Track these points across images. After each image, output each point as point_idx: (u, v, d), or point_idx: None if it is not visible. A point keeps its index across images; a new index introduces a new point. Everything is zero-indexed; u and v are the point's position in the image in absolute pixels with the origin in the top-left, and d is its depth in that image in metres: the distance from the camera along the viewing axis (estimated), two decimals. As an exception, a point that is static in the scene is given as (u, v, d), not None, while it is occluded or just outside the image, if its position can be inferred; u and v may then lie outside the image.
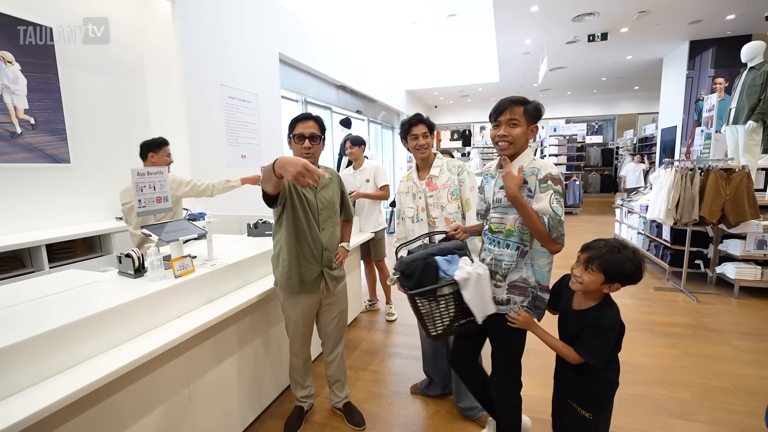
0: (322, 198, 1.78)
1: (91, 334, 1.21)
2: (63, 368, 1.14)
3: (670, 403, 2.11)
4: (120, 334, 1.30)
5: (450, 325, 1.46)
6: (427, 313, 1.42)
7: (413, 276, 1.42)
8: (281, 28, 4.99)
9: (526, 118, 1.41)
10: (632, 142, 10.73)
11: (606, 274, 1.23)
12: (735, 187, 3.35)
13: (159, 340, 1.32)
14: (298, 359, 1.94)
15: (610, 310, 1.30)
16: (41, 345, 1.09)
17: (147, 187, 1.63)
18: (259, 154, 4.51)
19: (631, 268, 1.21)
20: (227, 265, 1.80)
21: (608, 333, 1.27)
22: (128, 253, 1.56)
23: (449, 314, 1.44)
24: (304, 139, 1.72)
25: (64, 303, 1.36)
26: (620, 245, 1.23)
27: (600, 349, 1.28)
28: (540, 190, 1.36)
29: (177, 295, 1.52)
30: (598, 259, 1.24)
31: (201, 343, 1.61)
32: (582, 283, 1.28)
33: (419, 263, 1.43)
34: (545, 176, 1.36)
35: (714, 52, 6.95)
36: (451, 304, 1.43)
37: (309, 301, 1.83)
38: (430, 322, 1.44)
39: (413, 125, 2.01)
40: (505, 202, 1.43)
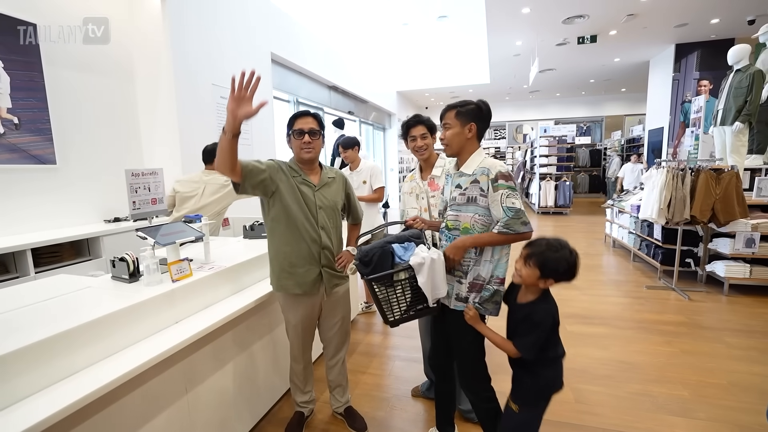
0: (321, 196, 1.74)
1: (87, 342, 1.16)
2: (58, 378, 1.08)
3: (668, 401, 2.12)
4: (117, 341, 1.25)
5: (407, 310, 1.50)
6: (384, 298, 1.45)
7: (371, 263, 1.46)
8: (273, 28, 4.93)
9: (459, 119, 1.48)
10: (620, 143, 10.92)
11: (541, 269, 1.31)
12: (724, 187, 3.41)
13: (158, 347, 1.27)
14: (298, 364, 1.90)
15: (544, 306, 1.36)
16: (36, 354, 1.03)
17: (141, 188, 1.58)
18: (251, 154, 4.44)
19: (564, 267, 1.29)
20: (225, 268, 1.75)
21: (538, 327, 1.33)
22: (122, 257, 1.51)
23: (405, 300, 1.48)
24: (303, 134, 1.68)
25: (57, 310, 1.30)
26: (559, 245, 1.31)
27: (531, 342, 1.34)
28: (492, 189, 1.41)
29: (175, 300, 1.47)
30: (536, 255, 1.32)
31: (200, 349, 1.57)
32: (521, 276, 1.36)
33: (376, 251, 1.48)
34: (496, 175, 1.41)
35: (699, 55, 7.12)
36: (407, 290, 1.47)
37: (309, 304, 1.78)
38: (387, 308, 1.47)
39: (411, 126, 2.00)
40: (460, 200, 1.48)
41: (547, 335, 1.34)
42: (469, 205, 1.47)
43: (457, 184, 1.50)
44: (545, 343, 1.35)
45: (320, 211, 1.73)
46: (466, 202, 1.47)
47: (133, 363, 1.16)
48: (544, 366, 1.39)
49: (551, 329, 1.35)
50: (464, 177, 1.49)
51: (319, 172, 1.79)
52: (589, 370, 2.44)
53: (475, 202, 1.46)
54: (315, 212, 1.72)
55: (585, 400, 2.15)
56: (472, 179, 1.46)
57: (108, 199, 3.25)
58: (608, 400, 2.14)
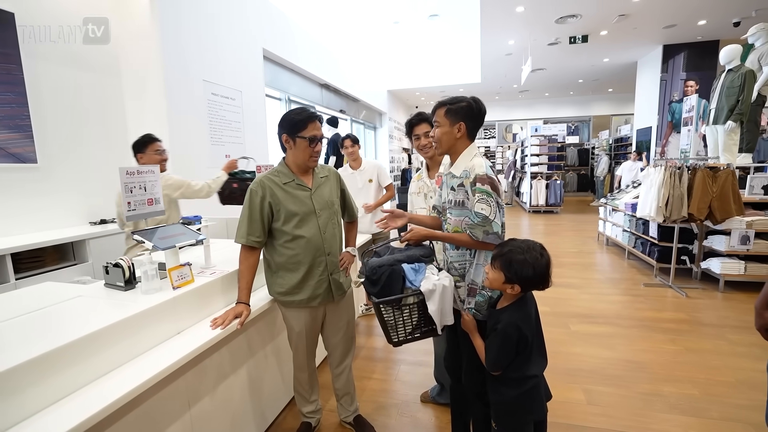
0: (318, 198, 1.65)
1: (81, 360, 1.05)
2: (49, 402, 0.97)
3: (680, 401, 2.10)
4: (115, 357, 1.14)
5: (412, 332, 1.44)
6: (391, 320, 1.40)
7: (379, 282, 1.39)
8: (265, 23, 4.79)
9: (448, 117, 1.43)
10: (608, 142, 11.08)
11: (505, 273, 1.23)
12: (721, 185, 3.45)
13: (161, 363, 1.16)
14: (303, 373, 1.81)
15: (510, 315, 1.26)
16: (23, 376, 0.92)
17: (137, 187, 1.46)
18: (244, 153, 4.30)
19: (529, 272, 1.19)
20: (228, 272, 1.64)
21: (499, 337, 1.24)
22: (117, 263, 1.39)
23: (412, 323, 1.42)
24: (317, 141, 1.59)
25: (47, 323, 1.18)
26: (527, 247, 1.22)
27: (493, 354, 1.26)
28: (471, 192, 1.37)
29: (177, 309, 1.36)
30: (500, 257, 1.24)
31: (202, 361, 1.46)
32: (488, 279, 1.30)
33: (386, 269, 1.40)
34: (474, 178, 1.36)
35: (685, 56, 7.26)
36: (414, 313, 1.41)
37: (314, 310, 1.70)
38: (392, 330, 1.41)
39: (415, 125, 1.93)
40: (451, 204, 1.45)
41: (516, 349, 1.23)
42: (459, 208, 1.43)
43: (451, 186, 1.46)
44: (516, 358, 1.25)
45: (321, 215, 1.64)
46: (454, 205, 1.44)
47: (134, 382, 1.06)
48: (506, 385, 1.29)
49: (519, 343, 1.23)
50: (454, 179, 1.44)
51: (312, 172, 1.69)
52: (599, 371, 2.40)
53: (463, 206, 1.41)
54: (315, 217, 1.63)
55: (597, 401, 2.11)
56: (459, 182, 1.42)
57: (93, 200, 3.09)
58: (620, 401, 2.11)
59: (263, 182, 1.58)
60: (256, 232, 1.56)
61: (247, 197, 1.57)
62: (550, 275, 1.24)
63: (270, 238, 1.64)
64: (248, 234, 1.55)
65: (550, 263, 1.24)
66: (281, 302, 1.67)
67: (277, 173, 1.62)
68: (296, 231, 1.58)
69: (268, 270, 1.69)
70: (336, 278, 1.71)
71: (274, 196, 1.57)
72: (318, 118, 1.60)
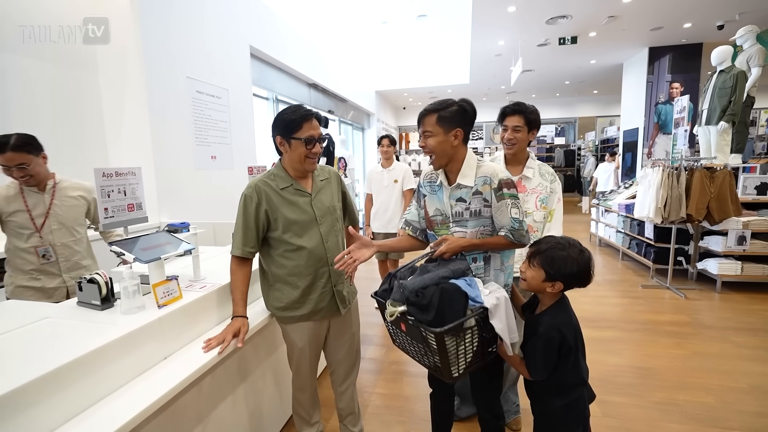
0: (319, 204, 1.50)
1: (48, 397, 0.87)
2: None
3: (696, 409, 2.03)
4: (91, 391, 0.96)
5: (473, 360, 1.21)
6: (453, 351, 1.15)
7: (430, 307, 1.13)
8: (252, 19, 4.60)
9: (441, 125, 1.29)
10: (594, 144, 11.21)
11: (547, 270, 1.17)
12: (719, 186, 3.44)
13: (146, 396, 0.99)
14: (304, 393, 1.65)
15: (552, 317, 1.19)
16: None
17: (115, 191, 1.28)
18: (231, 155, 4.10)
19: (573, 268, 1.14)
20: (220, 286, 1.47)
21: (540, 341, 1.16)
22: (92, 278, 1.20)
23: (473, 348, 1.19)
24: (314, 142, 1.43)
25: (9, 351, 0.99)
26: (567, 243, 1.18)
27: (536, 360, 1.18)
28: (496, 198, 1.29)
29: (163, 331, 1.18)
30: (540, 254, 1.18)
31: (192, 388, 1.28)
32: (526, 279, 1.22)
33: (432, 290, 1.16)
34: (499, 183, 1.28)
35: (670, 58, 7.36)
36: (476, 337, 1.19)
37: (317, 324, 1.55)
38: (453, 363, 1.17)
39: (509, 114, 1.73)
40: (466, 215, 1.34)
41: (558, 354, 1.15)
42: (475, 218, 1.33)
43: (458, 197, 1.35)
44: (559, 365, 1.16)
45: (322, 222, 1.49)
46: (470, 216, 1.34)
47: (115, 422, 0.88)
48: (552, 393, 1.21)
49: (561, 347, 1.15)
50: (464, 189, 1.33)
51: (311, 175, 1.54)
52: (609, 379, 2.32)
53: (480, 215, 1.33)
54: (317, 225, 1.48)
55: (613, 413, 2.02)
56: (474, 190, 1.31)
57: (67, 205, 2.84)
58: (636, 412, 2.02)
59: (258, 187, 1.42)
60: (251, 242, 1.41)
61: (241, 204, 1.41)
62: (592, 271, 1.17)
63: (267, 247, 1.48)
64: (243, 245, 1.40)
65: (591, 259, 1.18)
66: (280, 318, 1.51)
67: (273, 177, 1.46)
68: (296, 241, 1.43)
69: (264, 283, 1.53)
70: (340, 290, 1.56)
71: (271, 202, 1.41)
72: (315, 116, 1.45)
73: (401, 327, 1.23)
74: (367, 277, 4.54)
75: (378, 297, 1.32)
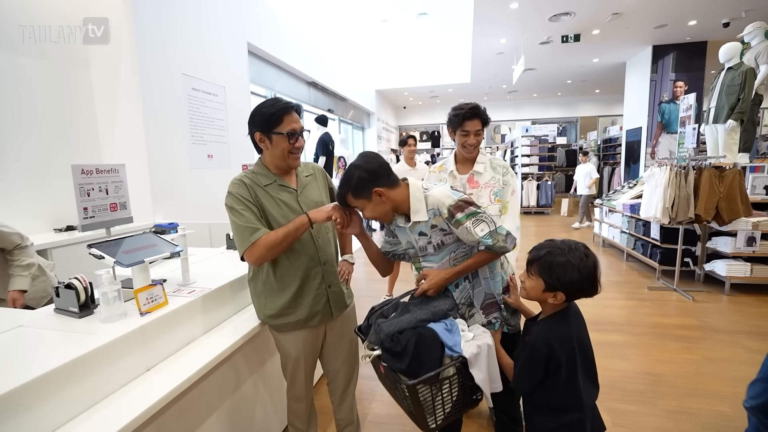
0: (306, 201, 1.41)
1: (20, 413, 0.78)
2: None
3: (711, 419, 1.94)
4: (64, 408, 0.87)
5: (452, 411, 1.12)
6: (428, 402, 1.06)
7: (405, 354, 1.06)
8: (250, 16, 4.51)
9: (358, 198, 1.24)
10: (596, 143, 11.12)
11: (545, 279, 1.05)
12: (728, 185, 3.35)
13: (126, 411, 0.90)
14: (300, 403, 1.56)
15: (543, 328, 1.09)
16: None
17: (96, 189, 1.19)
18: (228, 153, 4.02)
19: (573, 276, 1.02)
20: (210, 291, 1.39)
21: (525, 351, 1.07)
22: (69, 283, 1.12)
23: (452, 398, 1.10)
24: (297, 136, 1.33)
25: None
26: (567, 248, 1.05)
27: (518, 370, 1.09)
28: (454, 226, 1.22)
29: (146, 340, 1.10)
30: (537, 261, 1.07)
31: (179, 401, 1.20)
32: (525, 290, 1.12)
33: (410, 334, 1.09)
34: (449, 212, 1.21)
35: (674, 56, 7.27)
36: (455, 386, 1.09)
37: (313, 331, 1.46)
38: (429, 413, 1.07)
39: (468, 119, 1.68)
40: (430, 249, 1.30)
41: (545, 369, 1.05)
42: (440, 250, 1.30)
43: (419, 232, 1.30)
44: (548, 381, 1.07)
45: None
46: (434, 250, 1.30)
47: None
48: (542, 413, 1.11)
49: (549, 362, 1.05)
50: (421, 223, 1.28)
51: (295, 171, 1.45)
52: (618, 386, 2.23)
53: (444, 245, 1.29)
54: None
55: (624, 422, 1.93)
56: (428, 225, 1.27)
57: (59, 204, 2.76)
58: (649, 422, 1.93)
59: (244, 183, 1.32)
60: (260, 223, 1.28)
61: (230, 201, 1.30)
62: (598, 278, 1.05)
63: None
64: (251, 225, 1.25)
65: (597, 264, 1.06)
66: (273, 326, 1.42)
67: (254, 174, 1.37)
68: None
69: (253, 289, 1.44)
70: (335, 291, 1.48)
71: (258, 200, 1.32)
72: (294, 108, 1.36)
73: (380, 369, 1.15)
74: (367, 278, 4.45)
75: (360, 333, 1.27)
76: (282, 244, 1.26)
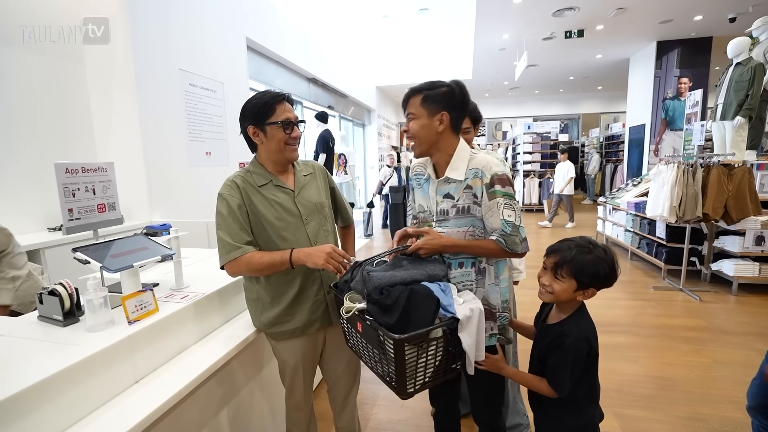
0: (304, 201, 1.33)
1: (2, 426, 0.72)
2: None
3: (724, 425, 1.88)
4: (49, 423, 0.81)
5: (431, 377, 1.06)
6: (412, 363, 0.99)
7: (394, 308, 0.99)
8: (249, 10, 4.42)
9: (425, 107, 1.15)
10: (598, 140, 11.03)
11: (578, 278, 1.05)
12: (737, 183, 3.27)
13: (115, 427, 0.84)
14: (299, 411, 1.49)
15: (577, 325, 1.08)
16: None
17: (81, 189, 1.12)
18: (226, 150, 3.95)
19: (605, 270, 1.04)
20: (204, 295, 1.32)
21: (568, 353, 1.04)
22: (53, 290, 1.05)
23: (435, 362, 1.04)
24: (292, 125, 1.26)
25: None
26: (589, 244, 1.07)
27: (563, 374, 1.05)
28: (487, 196, 1.14)
29: (134, 350, 1.03)
30: (568, 263, 1.05)
31: (173, 411, 1.13)
32: (553, 293, 1.08)
33: (400, 289, 1.02)
34: (491, 179, 1.14)
35: (679, 52, 7.17)
36: (440, 349, 1.04)
37: (312, 338, 1.39)
38: (411, 376, 1.01)
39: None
40: (452, 213, 1.19)
41: (582, 366, 1.05)
42: (463, 216, 1.18)
43: (446, 193, 1.21)
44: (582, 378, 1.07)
45: (309, 222, 1.33)
46: (457, 213, 1.19)
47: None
48: (568, 410, 1.09)
49: (588, 356, 1.05)
50: (452, 183, 1.19)
51: (292, 170, 1.38)
52: (627, 390, 2.17)
53: (469, 212, 1.18)
54: (303, 225, 1.31)
55: (633, 428, 1.87)
56: (464, 185, 1.17)
57: (52, 202, 2.67)
58: (659, 428, 1.87)
59: (236, 185, 1.25)
60: (246, 236, 1.22)
61: (219, 206, 1.23)
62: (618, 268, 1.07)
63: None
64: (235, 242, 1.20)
65: (615, 255, 1.08)
66: (270, 334, 1.36)
67: (250, 174, 1.30)
68: (280, 244, 1.27)
69: (248, 296, 1.38)
70: (336, 296, 1.41)
71: (251, 201, 1.25)
72: (286, 98, 1.29)
73: (357, 326, 1.07)
74: (368, 278, 4.39)
75: (336, 289, 1.18)
76: (263, 271, 1.22)
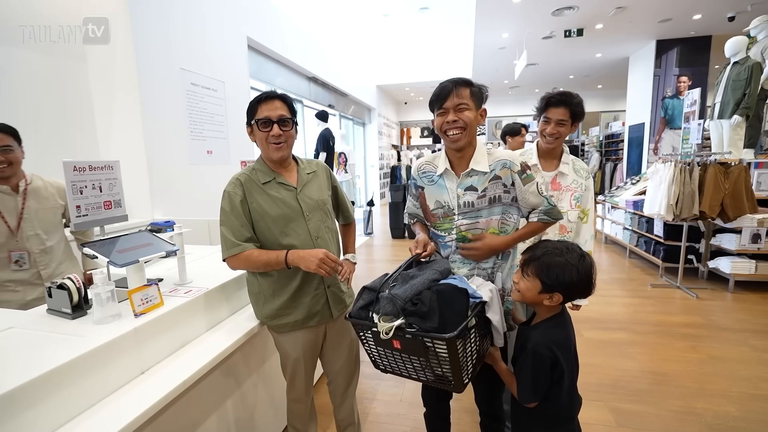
0: (306, 198, 1.37)
1: (4, 420, 0.75)
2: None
3: (717, 419, 1.91)
4: (57, 413, 0.84)
5: (476, 362, 1.12)
6: (462, 357, 1.03)
7: (432, 312, 1.01)
8: (249, 10, 4.45)
9: (474, 100, 1.21)
10: (598, 139, 11.05)
11: (542, 279, 1.02)
12: (734, 182, 3.30)
13: (120, 417, 0.87)
14: (300, 404, 1.53)
15: (543, 333, 1.05)
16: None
17: (89, 187, 1.16)
18: (227, 149, 3.97)
19: (572, 277, 1.00)
20: (208, 290, 1.35)
21: (529, 359, 1.02)
22: (61, 284, 1.08)
23: (475, 348, 1.09)
24: (271, 124, 1.28)
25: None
26: (565, 248, 1.04)
27: (524, 382, 1.04)
28: (522, 181, 1.23)
29: (140, 342, 1.06)
30: (534, 261, 1.04)
31: (176, 402, 1.17)
32: (519, 291, 1.08)
33: (428, 294, 1.05)
34: (522, 167, 1.24)
35: (678, 51, 7.19)
36: (477, 335, 1.10)
37: (313, 331, 1.43)
38: (464, 368, 1.04)
39: (553, 106, 1.52)
40: (480, 203, 1.25)
41: (551, 377, 1.02)
42: (495, 205, 1.25)
43: (468, 185, 1.25)
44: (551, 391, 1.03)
45: (310, 218, 1.36)
46: (489, 203, 1.25)
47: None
48: (539, 421, 1.07)
49: (553, 369, 1.01)
50: (477, 175, 1.24)
51: (296, 168, 1.41)
52: (622, 385, 2.20)
53: (500, 201, 1.25)
54: (304, 221, 1.35)
55: (628, 422, 1.90)
56: (491, 176, 1.23)
57: (55, 202, 2.72)
58: (653, 422, 1.90)
59: (239, 182, 1.31)
60: (247, 233, 1.28)
61: (223, 203, 1.29)
62: (594, 279, 1.04)
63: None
64: (237, 239, 1.25)
65: (593, 265, 1.04)
66: (272, 327, 1.39)
67: (255, 171, 1.34)
68: (283, 239, 1.31)
69: (251, 289, 1.42)
70: (335, 291, 1.44)
71: (254, 197, 1.30)
72: (279, 98, 1.32)
73: (393, 345, 1.07)
74: (366, 276, 4.43)
75: (355, 318, 1.10)
76: (260, 268, 1.29)
